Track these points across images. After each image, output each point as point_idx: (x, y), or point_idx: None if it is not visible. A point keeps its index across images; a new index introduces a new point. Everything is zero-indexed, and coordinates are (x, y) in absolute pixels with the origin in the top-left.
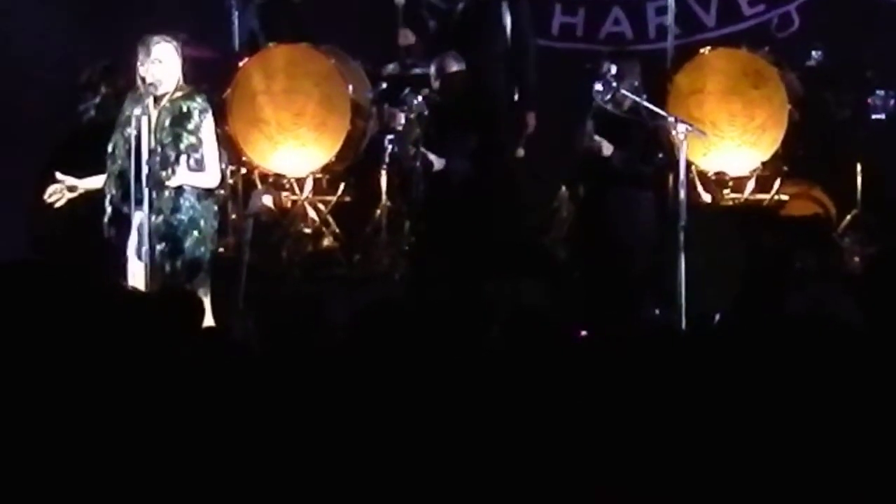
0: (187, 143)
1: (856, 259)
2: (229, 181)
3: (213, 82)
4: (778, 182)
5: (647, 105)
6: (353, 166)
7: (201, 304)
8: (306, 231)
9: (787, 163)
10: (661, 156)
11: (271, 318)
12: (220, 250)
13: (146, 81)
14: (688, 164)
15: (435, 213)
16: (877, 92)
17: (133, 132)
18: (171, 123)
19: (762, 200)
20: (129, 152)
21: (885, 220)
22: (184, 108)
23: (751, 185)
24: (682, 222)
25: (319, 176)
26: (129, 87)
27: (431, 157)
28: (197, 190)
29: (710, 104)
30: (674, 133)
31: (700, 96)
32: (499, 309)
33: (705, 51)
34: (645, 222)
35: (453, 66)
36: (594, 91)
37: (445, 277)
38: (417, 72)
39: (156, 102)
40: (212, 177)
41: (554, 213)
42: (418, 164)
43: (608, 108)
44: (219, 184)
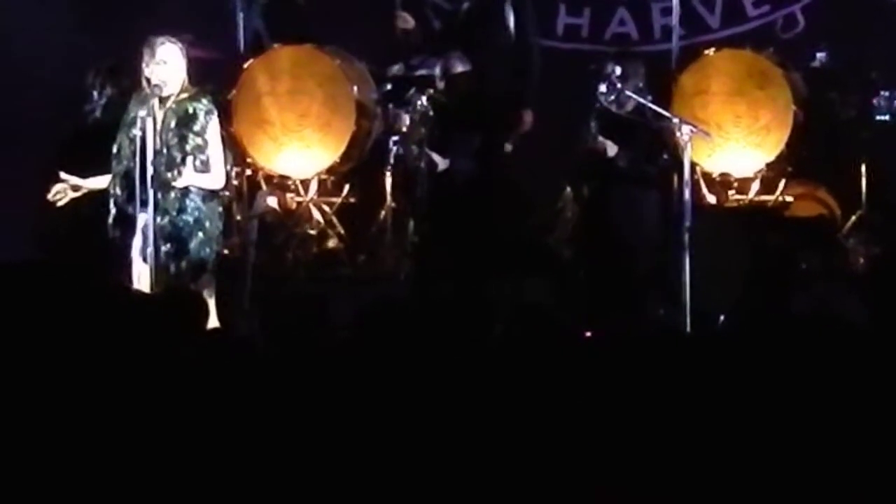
0: (193, 145)
1: (861, 260)
2: (234, 182)
3: (217, 83)
4: (783, 183)
5: (651, 106)
6: (358, 167)
7: (206, 304)
8: (311, 232)
9: (792, 164)
10: (665, 157)
11: (276, 318)
12: (225, 251)
13: (151, 82)
14: (692, 165)
15: (439, 214)
16: (882, 93)
17: (138, 133)
18: (177, 125)
19: (767, 201)
20: (135, 153)
21: (890, 220)
22: (189, 109)
23: (755, 186)
24: (687, 223)
25: (324, 177)
26: (134, 87)
27: (436, 157)
28: (202, 191)
29: (714, 105)
30: (678, 134)
31: (705, 97)
32: (503, 309)
33: (710, 52)
34: (649, 222)
35: (458, 67)
36: (598, 92)
37: (450, 277)
38: (422, 73)
39: (161, 103)
40: (217, 178)
41: (558, 213)
42: (423, 165)
43: (612, 108)
44: (224, 185)
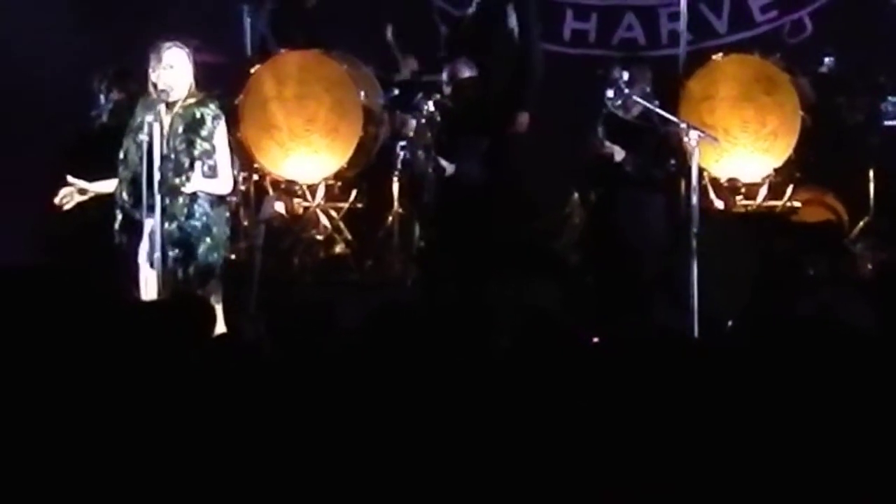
0: (201, 150)
1: (868, 265)
2: (241, 187)
3: (224, 88)
4: (790, 188)
5: (658, 111)
6: (365, 172)
7: (213, 309)
8: (318, 237)
9: (800, 169)
10: (672, 162)
11: (283, 323)
12: (233, 256)
13: (158, 87)
14: (700, 171)
15: (446, 219)
16: (889, 98)
17: (145, 138)
18: (185, 130)
19: (774, 207)
20: (142, 158)
21: None
22: (197, 114)
23: (763, 191)
24: (695, 228)
25: (331, 182)
26: (141, 92)
27: (443, 162)
28: (210, 196)
29: (722, 110)
30: (686, 139)
31: (712, 102)
32: (510, 313)
33: (717, 57)
34: (656, 227)
35: (465, 72)
36: (606, 97)
37: (456, 282)
38: (429, 78)
39: (168, 108)
40: (225, 183)
41: (566, 218)
42: (430, 170)
43: (619, 113)
44: (231, 190)
